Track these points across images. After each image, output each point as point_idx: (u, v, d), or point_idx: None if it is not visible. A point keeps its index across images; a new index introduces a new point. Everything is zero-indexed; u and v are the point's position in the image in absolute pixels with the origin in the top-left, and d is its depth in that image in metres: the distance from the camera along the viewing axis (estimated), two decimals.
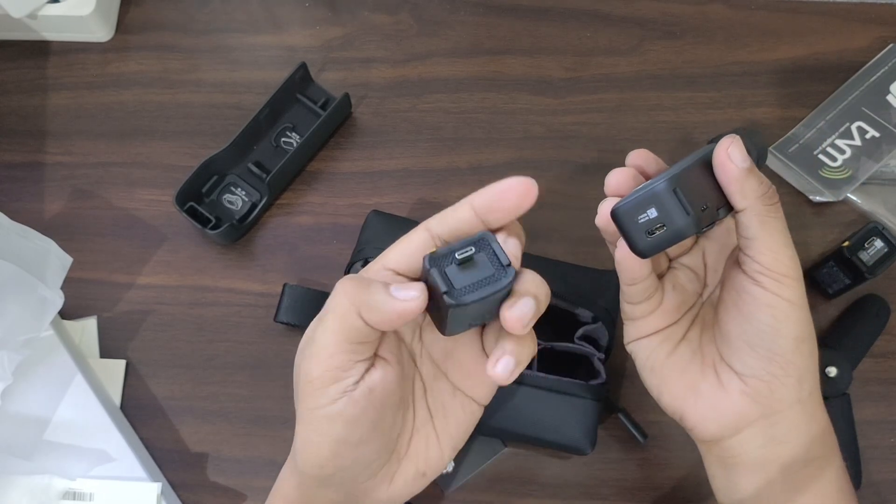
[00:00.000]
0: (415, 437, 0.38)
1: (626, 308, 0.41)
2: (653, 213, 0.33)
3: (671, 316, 0.41)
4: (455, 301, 0.31)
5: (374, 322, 0.32)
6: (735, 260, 0.37)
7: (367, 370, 0.33)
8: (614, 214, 0.34)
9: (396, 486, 0.37)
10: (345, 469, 0.35)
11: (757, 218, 0.35)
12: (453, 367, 0.38)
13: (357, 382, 0.33)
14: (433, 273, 0.31)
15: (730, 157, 0.34)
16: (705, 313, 0.41)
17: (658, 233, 0.33)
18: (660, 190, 0.33)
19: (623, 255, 0.37)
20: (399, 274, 0.34)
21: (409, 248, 0.34)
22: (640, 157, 0.39)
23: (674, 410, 0.40)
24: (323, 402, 0.33)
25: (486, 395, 0.39)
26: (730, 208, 0.36)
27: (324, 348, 0.32)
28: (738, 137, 0.35)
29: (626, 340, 0.42)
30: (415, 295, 0.31)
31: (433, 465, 0.38)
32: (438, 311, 0.33)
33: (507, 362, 0.32)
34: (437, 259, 0.31)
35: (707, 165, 0.35)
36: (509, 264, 0.31)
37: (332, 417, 0.33)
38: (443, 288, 0.31)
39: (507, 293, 0.32)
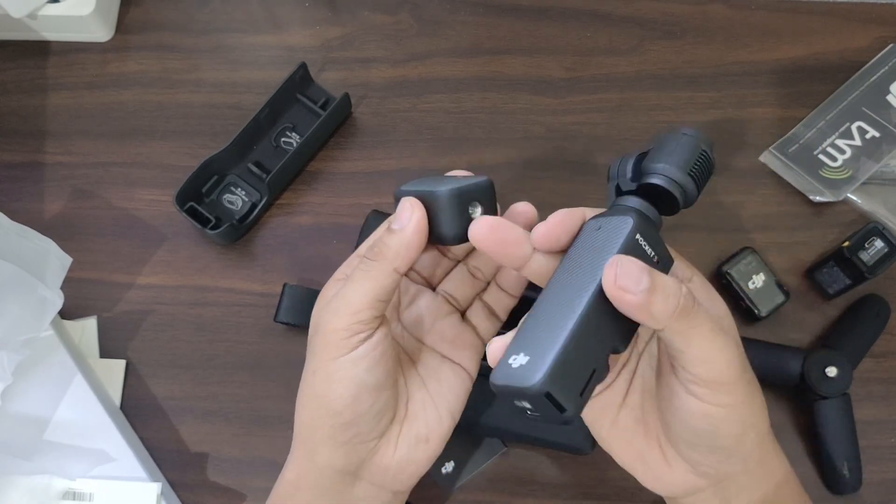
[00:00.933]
0: (411, 401, 0.40)
1: None
2: (527, 404, 0.30)
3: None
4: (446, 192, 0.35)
5: (405, 259, 0.36)
6: (668, 359, 0.35)
7: (379, 325, 0.37)
8: (492, 387, 0.31)
9: (401, 450, 0.39)
10: (360, 417, 0.37)
11: (679, 335, 0.31)
12: (437, 339, 0.42)
13: (373, 333, 0.37)
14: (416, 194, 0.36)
15: (622, 288, 0.30)
16: (643, 372, 0.39)
17: (536, 415, 0.30)
18: (531, 392, 0.29)
19: None
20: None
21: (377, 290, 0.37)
22: (552, 235, 0.35)
23: (628, 471, 0.39)
24: (346, 349, 0.36)
25: (472, 364, 0.42)
26: (629, 338, 0.32)
27: (350, 304, 0.36)
28: (620, 258, 0.30)
29: None
30: (408, 208, 0.36)
31: (433, 429, 0.40)
32: (437, 227, 0.36)
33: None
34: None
35: (598, 299, 0.31)
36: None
37: (356, 360, 0.36)
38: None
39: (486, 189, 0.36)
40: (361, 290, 0.36)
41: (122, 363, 0.56)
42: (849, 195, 0.57)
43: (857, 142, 0.58)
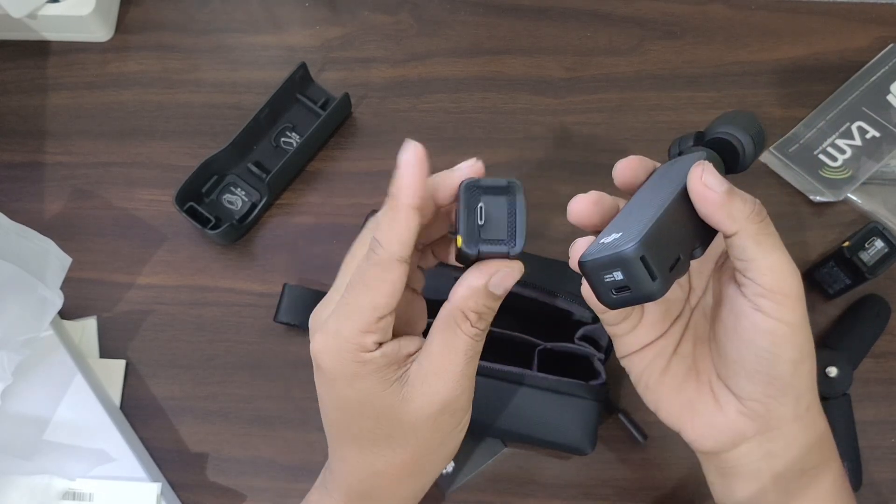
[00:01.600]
0: None
1: (606, 327, 0.40)
2: (619, 275, 0.31)
3: (657, 328, 0.39)
4: (466, 249, 0.33)
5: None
6: (731, 277, 0.36)
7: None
8: (581, 266, 0.33)
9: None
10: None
11: (751, 239, 0.33)
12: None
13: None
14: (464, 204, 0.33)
15: (706, 185, 0.32)
16: (696, 323, 0.40)
17: (624, 294, 0.31)
18: (627, 255, 0.30)
19: (588, 296, 0.37)
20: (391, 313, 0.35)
21: (395, 289, 0.34)
22: (628, 170, 0.37)
23: (671, 425, 0.40)
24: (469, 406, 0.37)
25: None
26: (706, 244, 0.34)
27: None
28: (705, 163, 0.33)
29: (618, 356, 0.41)
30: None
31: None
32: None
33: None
34: (472, 190, 0.33)
35: (681, 200, 0.33)
36: (522, 240, 0.33)
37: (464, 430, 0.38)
38: (461, 230, 0.33)
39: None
40: (466, 356, 0.35)
41: (122, 363, 0.56)
42: (849, 195, 0.57)
43: (858, 142, 0.58)
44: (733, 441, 0.38)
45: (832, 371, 0.51)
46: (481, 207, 0.33)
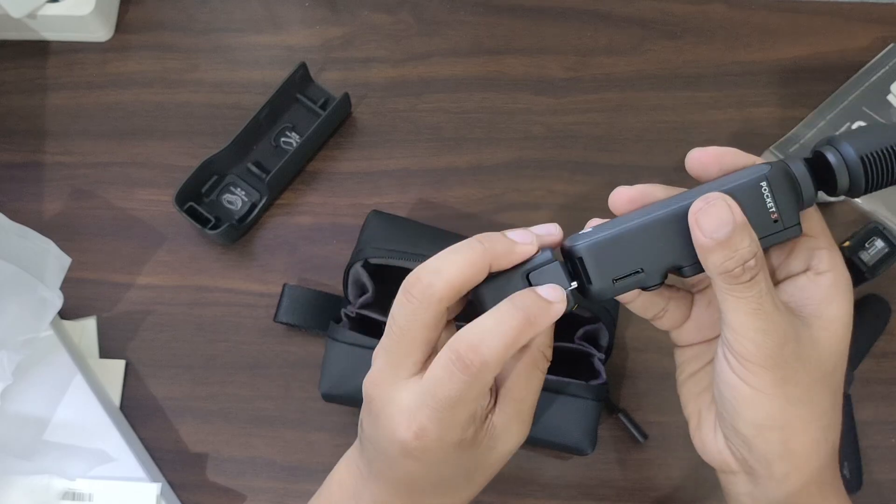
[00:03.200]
0: None
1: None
2: (569, 267, 0.33)
3: (704, 333, 0.38)
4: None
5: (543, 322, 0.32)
6: None
7: None
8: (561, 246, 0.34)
9: None
10: None
11: (720, 294, 0.32)
12: None
13: None
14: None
15: (698, 223, 0.31)
16: None
17: (573, 285, 0.32)
18: (571, 252, 0.32)
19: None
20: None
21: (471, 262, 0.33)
22: (697, 163, 0.34)
23: (685, 418, 0.39)
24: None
25: None
26: (696, 268, 0.33)
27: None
28: (720, 198, 0.31)
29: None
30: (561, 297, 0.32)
31: None
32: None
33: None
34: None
35: (682, 217, 0.32)
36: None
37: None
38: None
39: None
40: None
41: (121, 363, 0.56)
42: None
43: None
44: (720, 467, 0.37)
45: None
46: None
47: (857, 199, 0.57)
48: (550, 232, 0.34)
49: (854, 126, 0.59)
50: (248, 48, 0.65)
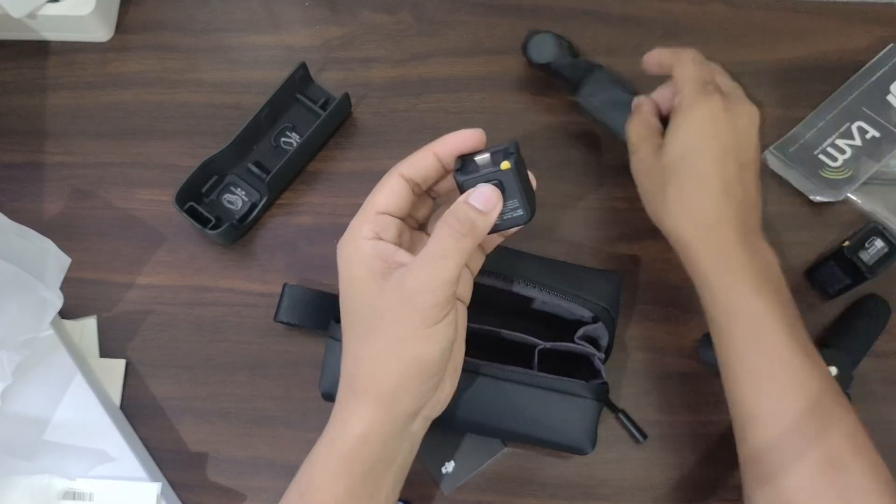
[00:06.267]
0: None
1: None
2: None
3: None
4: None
5: (484, 233, 0.40)
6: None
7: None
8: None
9: (447, 383, 0.44)
10: (444, 367, 0.42)
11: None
12: None
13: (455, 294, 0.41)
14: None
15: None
16: None
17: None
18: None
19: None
20: (389, 214, 0.42)
21: (394, 193, 0.42)
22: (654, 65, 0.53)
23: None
24: (442, 316, 0.39)
25: (468, 294, 0.45)
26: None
27: (449, 280, 0.39)
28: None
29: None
30: (495, 197, 0.40)
31: (458, 359, 0.44)
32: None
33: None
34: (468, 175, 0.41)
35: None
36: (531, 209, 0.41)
37: (448, 324, 0.40)
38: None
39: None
40: (456, 265, 0.39)
41: (121, 363, 0.56)
42: (849, 195, 0.57)
43: (858, 142, 0.58)
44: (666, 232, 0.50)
45: (832, 371, 0.51)
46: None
47: (857, 199, 0.57)
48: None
49: (854, 126, 0.59)
50: (248, 48, 0.65)
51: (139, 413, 0.55)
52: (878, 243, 0.53)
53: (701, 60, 0.51)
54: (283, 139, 0.61)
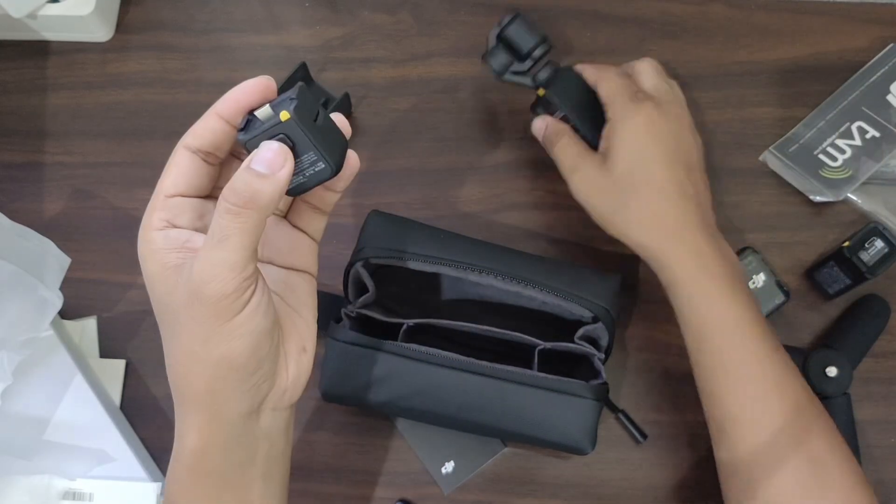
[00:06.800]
0: (281, 319, 0.40)
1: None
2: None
3: None
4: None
5: (276, 205, 0.35)
6: None
7: (256, 269, 0.36)
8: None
9: (291, 369, 0.39)
10: (262, 360, 0.37)
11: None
12: (274, 253, 0.41)
13: (257, 280, 0.35)
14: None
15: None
16: None
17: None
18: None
19: None
20: (181, 195, 0.38)
21: (182, 171, 0.38)
22: None
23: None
24: (240, 307, 0.35)
25: (314, 264, 0.43)
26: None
27: (235, 265, 0.34)
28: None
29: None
30: (280, 153, 0.35)
31: (307, 337, 0.41)
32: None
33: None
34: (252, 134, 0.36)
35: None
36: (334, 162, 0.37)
37: (252, 314, 0.35)
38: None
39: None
40: (241, 245, 0.34)
41: (121, 363, 0.56)
42: (849, 195, 0.57)
43: (858, 142, 0.58)
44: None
45: (832, 371, 0.51)
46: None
47: (857, 199, 0.57)
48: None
49: (854, 126, 0.59)
50: (248, 48, 0.65)
51: (139, 413, 0.55)
52: (878, 243, 0.53)
53: (624, 73, 0.52)
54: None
